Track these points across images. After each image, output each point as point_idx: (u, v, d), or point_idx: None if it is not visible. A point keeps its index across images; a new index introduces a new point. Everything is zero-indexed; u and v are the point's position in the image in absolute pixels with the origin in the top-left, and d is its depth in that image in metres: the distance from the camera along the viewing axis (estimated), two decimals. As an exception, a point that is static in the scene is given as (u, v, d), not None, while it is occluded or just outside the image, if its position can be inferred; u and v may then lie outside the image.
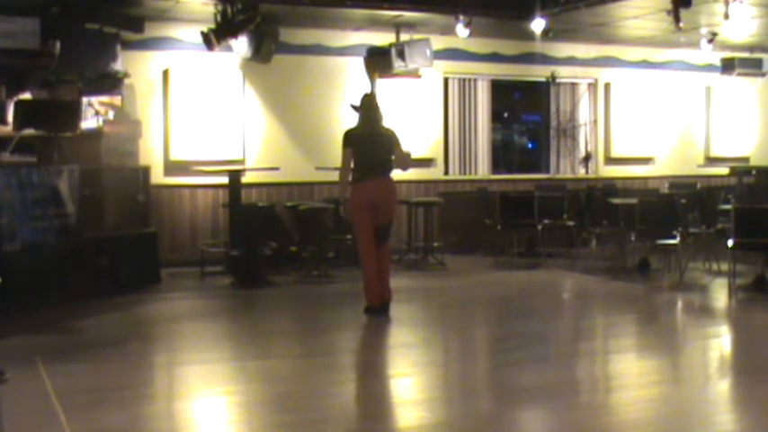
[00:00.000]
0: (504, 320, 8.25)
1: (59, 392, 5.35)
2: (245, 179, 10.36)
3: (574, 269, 10.76)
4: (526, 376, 5.99)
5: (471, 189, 12.42)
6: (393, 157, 7.88)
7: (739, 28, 11.77)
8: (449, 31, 11.27)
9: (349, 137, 7.82)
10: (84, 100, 9.71)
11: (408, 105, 12.05)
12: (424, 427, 4.91)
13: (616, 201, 10.62)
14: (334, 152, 11.55)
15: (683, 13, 9.54)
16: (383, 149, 7.84)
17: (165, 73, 10.89)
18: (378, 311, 7.78)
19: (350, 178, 7.81)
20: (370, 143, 7.78)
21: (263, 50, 10.38)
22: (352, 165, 7.76)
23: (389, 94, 11.85)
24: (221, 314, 8.55)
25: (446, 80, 12.54)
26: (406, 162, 8.09)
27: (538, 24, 10.77)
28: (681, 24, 9.70)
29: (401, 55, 11.36)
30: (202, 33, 10.06)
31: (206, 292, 9.49)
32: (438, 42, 11.78)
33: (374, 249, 7.77)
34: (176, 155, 10.89)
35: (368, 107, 7.96)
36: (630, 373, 6.21)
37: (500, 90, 13.19)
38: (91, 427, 4.83)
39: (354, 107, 8.12)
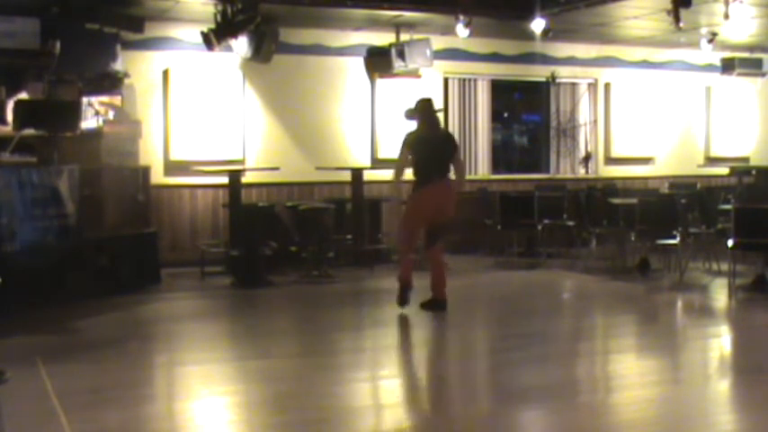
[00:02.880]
0: (504, 320, 8.25)
1: (59, 392, 5.35)
2: (245, 179, 10.37)
3: (574, 269, 10.76)
4: (526, 376, 5.99)
5: (471, 189, 12.40)
6: (451, 163, 8.04)
7: (739, 28, 11.77)
8: (449, 31, 11.27)
9: (409, 139, 7.95)
10: (84, 100, 9.71)
11: (408, 105, 12.01)
12: (425, 428, 4.91)
13: (616, 201, 10.62)
14: (335, 152, 11.66)
15: (683, 13, 9.54)
16: (443, 153, 7.98)
17: (165, 73, 10.89)
18: (404, 294, 7.95)
19: (401, 177, 8.04)
20: (432, 146, 7.91)
21: (263, 50, 10.37)
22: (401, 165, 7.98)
23: (389, 94, 11.85)
24: (221, 314, 8.56)
25: (446, 80, 12.54)
26: (464, 173, 8.32)
27: (538, 24, 10.76)
28: (681, 24, 9.70)
29: (401, 55, 11.36)
30: (202, 33, 10.05)
31: (206, 292, 9.49)
32: (438, 42, 11.78)
33: (411, 245, 7.99)
34: (176, 155, 10.89)
35: (427, 111, 8.07)
36: (630, 373, 6.21)
37: (500, 90, 13.19)
38: (91, 427, 4.83)
39: (410, 113, 8.21)
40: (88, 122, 9.59)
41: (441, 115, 8.27)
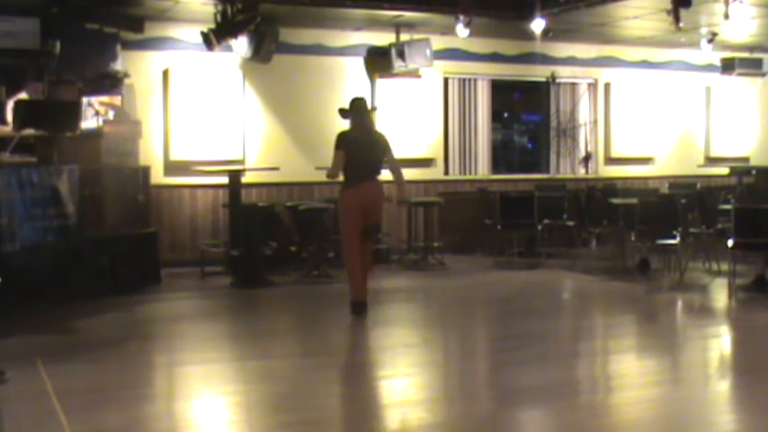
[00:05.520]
0: (504, 320, 8.25)
1: (59, 392, 5.35)
2: (245, 179, 10.37)
3: (574, 269, 10.76)
4: (526, 376, 5.99)
5: (471, 189, 12.42)
6: (385, 161, 7.91)
7: (739, 28, 11.77)
8: (449, 31, 11.27)
9: (342, 139, 7.85)
10: (84, 100, 9.71)
11: (408, 105, 12.05)
12: (424, 427, 4.91)
13: (616, 201, 10.63)
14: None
15: (683, 13, 9.54)
16: (375, 153, 7.87)
17: (165, 73, 10.89)
18: (363, 307, 7.83)
19: (340, 177, 7.87)
20: (363, 147, 7.81)
21: (263, 50, 10.38)
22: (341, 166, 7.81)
23: (389, 94, 11.85)
24: (221, 314, 8.56)
25: (446, 80, 12.54)
26: (401, 172, 8.09)
27: (538, 24, 10.77)
28: (681, 24, 9.70)
29: (401, 55, 11.36)
30: (202, 33, 10.06)
31: (206, 292, 9.49)
32: (438, 42, 11.78)
33: (359, 249, 7.83)
34: (176, 155, 10.89)
35: (359, 111, 7.98)
36: (630, 373, 6.21)
37: (500, 90, 13.19)
38: (91, 427, 4.83)
39: (343, 111, 8.12)
40: (88, 122, 9.59)
41: (374, 115, 8.07)
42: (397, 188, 8.11)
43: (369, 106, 8.05)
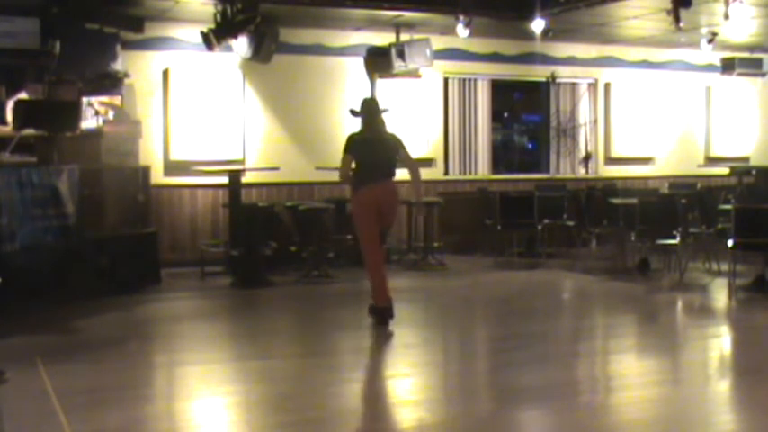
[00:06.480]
0: (504, 320, 8.25)
1: (59, 392, 5.35)
2: (245, 179, 10.37)
3: (574, 269, 10.76)
4: (526, 376, 5.99)
5: (471, 189, 12.42)
6: (399, 160, 7.82)
7: (739, 28, 11.77)
8: (449, 31, 11.27)
9: (351, 142, 7.75)
10: (84, 100, 9.71)
11: (408, 105, 12.04)
12: (424, 427, 4.91)
13: (616, 201, 10.62)
14: (335, 152, 11.54)
15: (683, 13, 9.54)
16: (386, 154, 7.76)
17: (165, 73, 10.89)
18: (384, 314, 7.56)
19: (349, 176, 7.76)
20: (373, 147, 7.70)
21: (263, 50, 10.38)
22: (352, 168, 7.71)
23: (389, 94, 11.84)
24: (221, 314, 8.56)
25: (446, 80, 12.54)
26: (418, 171, 7.92)
27: (538, 24, 10.77)
28: (681, 24, 9.70)
29: (401, 55, 11.36)
30: (202, 33, 10.06)
31: (206, 292, 9.49)
32: (438, 42, 11.78)
33: (380, 253, 7.66)
34: (176, 155, 10.89)
35: (369, 111, 7.88)
36: (630, 373, 6.21)
37: (500, 90, 13.19)
38: (91, 427, 4.83)
39: (354, 112, 8.06)
40: (88, 122, 9.60)
41: (386, 115, 7.97)
42: (412, 188, 7.93)
43: (379, 107, 7.97)
